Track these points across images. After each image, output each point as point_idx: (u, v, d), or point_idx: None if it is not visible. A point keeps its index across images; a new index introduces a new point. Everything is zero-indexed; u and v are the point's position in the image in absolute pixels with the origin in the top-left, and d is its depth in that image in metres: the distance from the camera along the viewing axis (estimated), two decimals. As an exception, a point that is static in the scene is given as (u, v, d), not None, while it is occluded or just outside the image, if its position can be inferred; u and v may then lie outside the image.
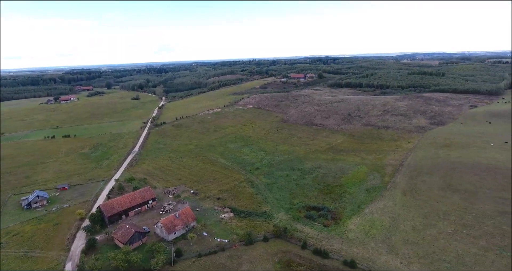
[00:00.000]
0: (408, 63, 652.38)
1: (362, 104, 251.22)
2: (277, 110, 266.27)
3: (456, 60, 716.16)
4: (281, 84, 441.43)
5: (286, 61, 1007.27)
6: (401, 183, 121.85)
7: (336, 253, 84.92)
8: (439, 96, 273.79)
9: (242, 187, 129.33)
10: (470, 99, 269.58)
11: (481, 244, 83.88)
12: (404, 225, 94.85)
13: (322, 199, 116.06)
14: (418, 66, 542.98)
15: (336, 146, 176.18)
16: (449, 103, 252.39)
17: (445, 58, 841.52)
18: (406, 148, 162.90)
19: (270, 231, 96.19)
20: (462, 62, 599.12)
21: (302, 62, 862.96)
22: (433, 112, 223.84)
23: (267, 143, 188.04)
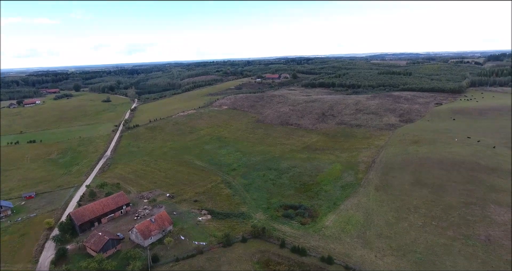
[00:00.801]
0: (378, 63, 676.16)
1: (335, 103, 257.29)
2: (252, 110, 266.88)
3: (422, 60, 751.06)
4: (256, 84, 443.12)
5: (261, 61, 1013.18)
6: (374, 179, 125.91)
7: (314, 250, 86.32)
8: (407, 95, 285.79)
9: (219, 189, 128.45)
10: (435, 97, 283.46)
11: (448, 234, 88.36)
12: (377, 220, 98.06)
13: (299, 198, 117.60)
14: (387, 66, 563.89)
15: (311, 145, 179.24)
16: (416, 101, 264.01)
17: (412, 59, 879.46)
18: (377, 145, 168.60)
19: (249, 232, 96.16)
20: (427, 62, 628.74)
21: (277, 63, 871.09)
22: (402, 110, 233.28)
23: (244, 143, 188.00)
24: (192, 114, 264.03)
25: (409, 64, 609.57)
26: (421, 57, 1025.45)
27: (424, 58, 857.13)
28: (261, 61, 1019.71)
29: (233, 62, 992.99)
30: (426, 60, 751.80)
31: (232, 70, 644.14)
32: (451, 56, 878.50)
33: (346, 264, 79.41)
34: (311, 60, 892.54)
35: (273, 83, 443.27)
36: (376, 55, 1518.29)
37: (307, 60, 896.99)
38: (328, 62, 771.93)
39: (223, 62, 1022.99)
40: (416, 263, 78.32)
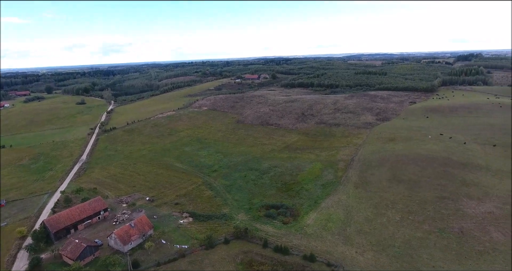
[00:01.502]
0: (354, 64, 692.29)
1: (314, 103, 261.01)
2: (232, 111, 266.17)
3: (396, 60, 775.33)
4: (235, 85, 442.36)
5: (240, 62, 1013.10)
6: (353, 176, 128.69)
7: (296, 248, 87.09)
8: (383, 94, 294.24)
9: (201, 190, 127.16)
10: (409, 96, 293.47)
11: (424, 228, 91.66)
12: (357, 216, 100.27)
13: (280, 197, 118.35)
14: (363, 66, 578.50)
15: (292, 145, 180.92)
16: (392, 100, 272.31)
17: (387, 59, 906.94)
18: (356, 143, 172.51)
19: (231, 233, 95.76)
20: (401, 63, 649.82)
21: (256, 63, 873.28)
22: (379, 109, 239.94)
23: (224, 144, 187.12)
24: (171, 115, 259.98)
25: (384, 64, 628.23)
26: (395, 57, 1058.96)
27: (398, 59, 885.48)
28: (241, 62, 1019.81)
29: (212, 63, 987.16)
30: (400, 60, 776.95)
31: (211, 71, 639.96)
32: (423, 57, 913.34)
33: (328, 261, 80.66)
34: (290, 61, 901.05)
35: (253, 83, 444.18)
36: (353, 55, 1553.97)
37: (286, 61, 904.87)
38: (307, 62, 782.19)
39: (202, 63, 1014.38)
40: (395, 257, 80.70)
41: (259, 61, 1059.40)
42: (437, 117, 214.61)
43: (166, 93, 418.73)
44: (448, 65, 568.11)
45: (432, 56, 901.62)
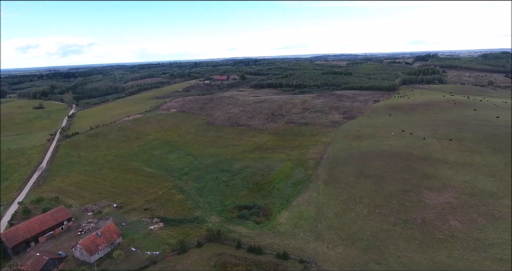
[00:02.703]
0: (321, 64, 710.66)
1: (283, 103, 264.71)
2: (202, 113, 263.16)
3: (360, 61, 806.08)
4: (204, 86, 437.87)
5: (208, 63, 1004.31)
6: (322, 174, 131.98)
7: (270, 247, 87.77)
8: (349, 93, 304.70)
9: (171, 194, 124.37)
10: (373, 95, 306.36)
11: (390, 220, 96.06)
12: (327, 212, 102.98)
13: (252, 197, 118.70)
14: (330, 67, 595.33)
15: (262, 145, 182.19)
16: (357, 99, 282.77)
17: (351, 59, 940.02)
18: (324, 141, 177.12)
19: (204, 236, 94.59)
20: (365, 63, 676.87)
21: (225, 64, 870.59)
22: (345, 108, 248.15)
23: (194, 146, 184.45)
24: (138, 118, 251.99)
25: (349, 65, 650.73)
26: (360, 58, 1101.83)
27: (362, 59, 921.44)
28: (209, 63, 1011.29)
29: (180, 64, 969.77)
30: (364, 60, 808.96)
31: (179, 72, 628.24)
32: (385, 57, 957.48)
33: (301, 258, 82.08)
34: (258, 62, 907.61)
35: (222, 84, 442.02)
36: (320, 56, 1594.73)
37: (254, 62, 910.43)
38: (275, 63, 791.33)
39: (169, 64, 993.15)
40: (364, 250, 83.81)
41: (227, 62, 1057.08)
42: (399, 115, 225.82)
43: (132, 95, 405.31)
44: (407, 65, 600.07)
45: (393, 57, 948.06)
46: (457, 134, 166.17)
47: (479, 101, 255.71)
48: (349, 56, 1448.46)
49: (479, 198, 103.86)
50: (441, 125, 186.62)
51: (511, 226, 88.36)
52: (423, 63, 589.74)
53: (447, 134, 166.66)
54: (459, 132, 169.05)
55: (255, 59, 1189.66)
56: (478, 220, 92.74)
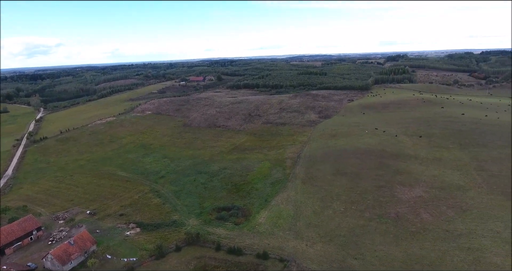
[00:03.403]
0: (297, 64, 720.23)
1: (260, 104, 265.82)
2: (178, 114, 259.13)
3: (334, 61, 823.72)
4: (180, 87, 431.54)
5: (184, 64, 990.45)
6: (300, 173, 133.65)
7: (249, 248, 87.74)
8: (324, 93, 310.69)
9: (148, 199, 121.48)
10: (347, 94, 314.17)
11: (366, 216, 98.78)
12: (306, 211, 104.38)
13: (231, 199, 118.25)
14: (305, 67, 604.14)
15: (240, 145, 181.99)
16: (332, 98, 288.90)
17: (326, 60, 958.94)
18: (301, 141, 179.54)
19: (182, 239, 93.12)
20: (339, 63, 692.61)
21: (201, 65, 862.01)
22: (321, 107, 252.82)
23: (171, 149, 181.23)
24: (111, 121, 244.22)
25: (324, 65, 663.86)
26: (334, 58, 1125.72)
27: (336, 60, 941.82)
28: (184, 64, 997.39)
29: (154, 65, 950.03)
30: (338, 61, 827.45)
31: (154, 74, 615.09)
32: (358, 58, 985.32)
33: (281, 257, 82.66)
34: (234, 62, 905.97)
35: (198, 85, 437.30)
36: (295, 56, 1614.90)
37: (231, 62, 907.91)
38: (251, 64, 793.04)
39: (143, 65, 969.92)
40: (341, 246, 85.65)
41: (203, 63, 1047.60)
42: (372, 113, 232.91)
43: (105, 98, 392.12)
44: (379, 65, 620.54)
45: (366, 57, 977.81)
46: (426, 131, 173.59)
47: (446, 99, 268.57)
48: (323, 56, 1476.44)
49: (448, 191, 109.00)
50: (411, 122, 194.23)
51: (477, 217, 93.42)
52: (394, 63, 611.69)
53: (417, 131, 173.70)
54: (428, 129, 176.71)
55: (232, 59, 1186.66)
56: (447, 212, 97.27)
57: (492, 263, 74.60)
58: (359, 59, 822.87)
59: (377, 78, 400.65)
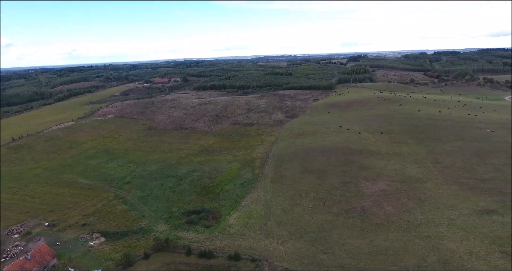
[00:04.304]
0: (263, 65, 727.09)
1: (227, 104, 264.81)
2: (143, 117, 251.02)
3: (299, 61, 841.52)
4: (144, 89, 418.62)
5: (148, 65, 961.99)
6: (269, 173, 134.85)
7: (221, 250, 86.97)
8: (290, 93, 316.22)
9: (112, 206, 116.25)
10: (313, 94, 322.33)
11: (333, 211, 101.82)
12: (276, 210, 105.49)
13: (201, 201, 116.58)
14: (271, 68, 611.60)
15: (208, 147, 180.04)
16: (298, 98, 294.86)
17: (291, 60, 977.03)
18: (269, 140, 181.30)
19: (151, 246, 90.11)
20: (304, 64, 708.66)
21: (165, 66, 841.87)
22: (287, 107, 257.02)
23: (136, 153, 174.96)
24: (70, 126, 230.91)
25: (290, 65, 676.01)
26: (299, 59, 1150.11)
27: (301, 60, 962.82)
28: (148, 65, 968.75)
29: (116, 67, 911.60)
30: (303, 61, 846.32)
31: (116, 75, 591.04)
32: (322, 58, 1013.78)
33: (252, 257, 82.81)
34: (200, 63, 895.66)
35: (163, 87, 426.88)
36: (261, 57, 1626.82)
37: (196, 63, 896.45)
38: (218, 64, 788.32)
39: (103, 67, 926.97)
40: (311, 242, 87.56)
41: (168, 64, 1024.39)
42: (337, 112, 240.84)
43: (62, 101, 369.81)
44: (342, 66, 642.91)
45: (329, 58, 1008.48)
46: (387, 127, 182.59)
47: (404, 97, 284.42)
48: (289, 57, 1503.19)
49: (408, 184, 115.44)
50: (373, 120, 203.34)
51: (434, 207, 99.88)
52: (355, 63, 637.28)
53: (378, 128, 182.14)
54: (388, 125, 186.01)
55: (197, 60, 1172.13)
56: (408, 203, 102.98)
57: (449, 249, 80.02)
58: (323, 60, 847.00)
59: (340, 78, 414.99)
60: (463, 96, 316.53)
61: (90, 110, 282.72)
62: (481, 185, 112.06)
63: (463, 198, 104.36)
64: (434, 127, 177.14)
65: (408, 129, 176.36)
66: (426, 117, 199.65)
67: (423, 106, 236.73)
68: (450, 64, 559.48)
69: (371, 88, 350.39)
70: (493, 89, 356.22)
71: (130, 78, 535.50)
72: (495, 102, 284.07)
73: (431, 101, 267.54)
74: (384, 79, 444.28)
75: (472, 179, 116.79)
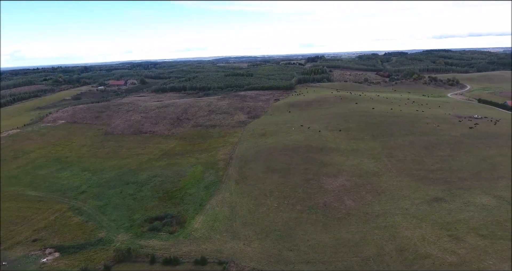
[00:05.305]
0: (223, 66, 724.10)
1: (188, 107, 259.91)
2: (98, 122, 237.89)
3: (260, 62, 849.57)
4: (98, 93, 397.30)
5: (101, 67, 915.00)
6: (233, 174, 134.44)
7: (187, 256, 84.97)
8: (251, 94, 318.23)
9: (67, 218, 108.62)
10: (274, 94, 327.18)
11: (297, 208, 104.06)
12: (241, 211, 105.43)
13: (164, 207, 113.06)
14: (232, 69, 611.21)
15: (170, 151, 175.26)
16: (259, 99, 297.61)
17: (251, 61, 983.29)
18: (232, 142, 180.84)
19: (111, 258, 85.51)
20: (264, 64, 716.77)
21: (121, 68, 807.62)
22: (249, 108, 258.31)
23: (92, 160, 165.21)
24: (15, 134, 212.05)
25: (250, 66, 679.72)
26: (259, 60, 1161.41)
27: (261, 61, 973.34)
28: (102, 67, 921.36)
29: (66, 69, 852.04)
30: (263, 62, 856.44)
31: (66, 78, 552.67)
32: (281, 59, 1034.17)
33: (219, 260, 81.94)
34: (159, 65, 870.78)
35: (120, 90, 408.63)
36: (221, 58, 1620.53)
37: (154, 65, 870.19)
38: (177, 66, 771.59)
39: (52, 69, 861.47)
40: (277, 240, 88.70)
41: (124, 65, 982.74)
42: (297, 111, 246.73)
43: (5, 107, 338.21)
44: (301, 66, 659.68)
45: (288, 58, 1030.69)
46: (344, 125, 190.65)
47: (359, 95, 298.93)
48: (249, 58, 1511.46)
49: (366, 178, 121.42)
50: (331, 118, 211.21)
51: (390, 198, 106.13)
52: (313, 64, 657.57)
53: (337, 126, 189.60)
54: (346, 123, 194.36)
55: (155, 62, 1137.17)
56: (366, 196, 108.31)
57: (404, 236, 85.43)
58: (282, 61, 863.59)
59: (300, 78, 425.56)
60: (412, 94, 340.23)
61: (38, 116, 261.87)
62: (430, 176, 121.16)
63: (414, 188, 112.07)
64: (387, 123, 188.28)
65: (364, 126, 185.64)
66: (380, 114, 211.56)
67: (377, 104, 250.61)
68: (399, 64, 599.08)
69: (329, 88, 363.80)
70: (437, 87, 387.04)
71: (82, 81, 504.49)
72: (439, 99, 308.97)
73: (384, 99, 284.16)
74: (341, 79, 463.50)
75: (422, 170, 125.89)
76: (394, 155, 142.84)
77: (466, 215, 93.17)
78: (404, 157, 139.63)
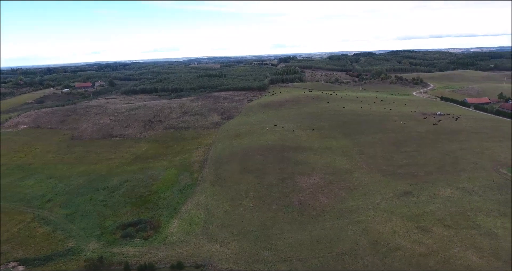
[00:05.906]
0: (196, 67, 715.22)
1: (160, 108, 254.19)
2: (64, 126, 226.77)
3: (232, 63, 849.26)
4: (64, 95, 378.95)
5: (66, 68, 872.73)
6: (208, 176, 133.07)
7: (162, 261, 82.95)
8: (225, 95, 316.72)
9: (32, 229, 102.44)
10: (247, 95, 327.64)
11: (273, 208, 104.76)
12: (217, 212, 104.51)
13: (137, 212, 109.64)
14: (204, 70, 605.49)
15: (142, 154, 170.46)
16: (233, 99, 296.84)
17: (224, 62, 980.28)
18: (207, 143, 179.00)
19: (82, 268, 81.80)
20: (237, 65, 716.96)
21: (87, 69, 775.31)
22: (223, 109, 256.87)
23: (58, 167, 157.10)
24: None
25: (223, 67, 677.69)
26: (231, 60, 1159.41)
27: (234, 61, 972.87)
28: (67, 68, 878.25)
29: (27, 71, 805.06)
30: (236, 63, 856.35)
31: (27, 81, 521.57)
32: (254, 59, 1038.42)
33: (196, 263, 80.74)
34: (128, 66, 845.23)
35: (87, 92, 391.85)
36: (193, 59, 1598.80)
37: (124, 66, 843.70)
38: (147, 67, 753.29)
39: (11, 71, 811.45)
40: (254, 241, 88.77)
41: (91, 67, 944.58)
42: (271, 111, 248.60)
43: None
44: (273, 67, 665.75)
45: (261, 59, 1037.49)
46: (317, 124, 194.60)
47: (330, 95, 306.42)
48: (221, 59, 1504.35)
49: (339, 175, 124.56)
50: (304, 118, 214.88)
51: (362, 194, 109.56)
52: (285, 64, 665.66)
53: (310, 125, 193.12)
54: (319, 122, 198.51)
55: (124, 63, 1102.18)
56: (339, 193, 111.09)
57: (376, 230, 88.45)
58: (255, 61, 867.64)
59: (273, 79, 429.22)
60: (380, 92, 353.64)
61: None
62: (398, 171, 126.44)
63: (385, 183, 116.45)
64: (358, 122, 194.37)
65: (336, 125, 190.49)
66: (350, 113, 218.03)
67: (347, 103, 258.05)
68: (368, 64, 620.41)
69: (301, 88, 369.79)
70: (402, 86, 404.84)
71: (45, 84, 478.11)
72: (405, 97, 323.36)
73: (354, 98, 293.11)
74: (312, 79, 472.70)
75: (391, 166, 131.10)
76: (365, 152, 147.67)
77: (432, 207, 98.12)
78: (374, 154, 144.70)
